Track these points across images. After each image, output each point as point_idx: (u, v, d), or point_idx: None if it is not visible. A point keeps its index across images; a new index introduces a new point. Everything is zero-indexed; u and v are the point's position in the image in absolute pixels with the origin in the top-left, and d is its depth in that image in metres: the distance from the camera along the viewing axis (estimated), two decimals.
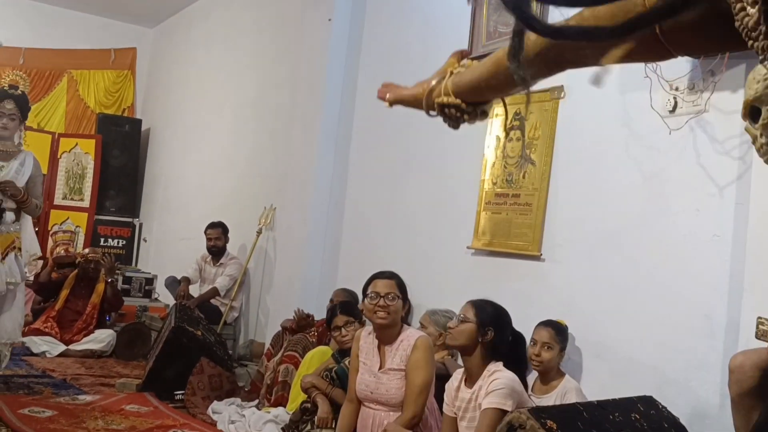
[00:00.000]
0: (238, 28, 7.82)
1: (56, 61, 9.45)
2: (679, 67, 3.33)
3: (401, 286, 3.42)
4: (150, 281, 7.81)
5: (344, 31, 5.96)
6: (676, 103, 3.40)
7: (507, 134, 4.30)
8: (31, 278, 6.72)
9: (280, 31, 6.97)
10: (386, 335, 3.36)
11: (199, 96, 8.55)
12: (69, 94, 9.56)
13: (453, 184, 4.75)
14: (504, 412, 2.76)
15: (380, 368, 3.33)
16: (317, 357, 4.39)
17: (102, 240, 8.76)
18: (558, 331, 3.52)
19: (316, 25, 6.17)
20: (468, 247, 4.46)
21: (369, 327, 3.52)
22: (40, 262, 7.01)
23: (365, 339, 3.44)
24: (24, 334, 6.30)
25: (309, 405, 3.99)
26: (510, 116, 4.28)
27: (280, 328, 5.32)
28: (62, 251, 7.49)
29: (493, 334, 3.01)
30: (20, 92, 5.07)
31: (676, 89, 3.40)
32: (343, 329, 4.18)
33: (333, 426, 3.70)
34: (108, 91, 9.71)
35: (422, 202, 5.02)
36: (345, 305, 4.39)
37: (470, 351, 3.03)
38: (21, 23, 9.28)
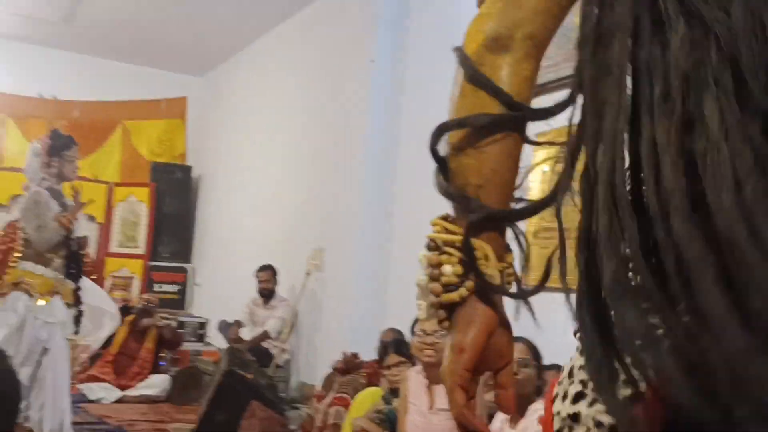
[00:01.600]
0: (284, 73, 7.95)
1: (110, 113, 9.73)
2: None
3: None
4: (203, 325, 7.88)
5: (387, 71, 6.01)
6: None
7: (554, 167, 4.24)
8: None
9: (324, 75, 7.06)
10: (435, 374, 3.29)
11: (247, 141, 8.69)
12: (123, 144, 9.82)
13: None
14: None
15: (430, 408, 3.27)
16: (368, 398, 4.34)
17: (156, 286, 8.88)
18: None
19: (358, 67, 6.24)
20: None
21: (418, 366, 3.47)
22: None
23: (414, 379, 3.39)
24: (80, 381, 6.41)
25: None
26: None
27: (330, 370, 5.30)
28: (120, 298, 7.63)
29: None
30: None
31: None
32: (394, 369, 4.13)
33: None
34: (160, 140, 9.94)
35: None
36: (398, 344, 4.34)
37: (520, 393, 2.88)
38: (75, 77, 9.60)
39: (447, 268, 0.88)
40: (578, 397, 0.81)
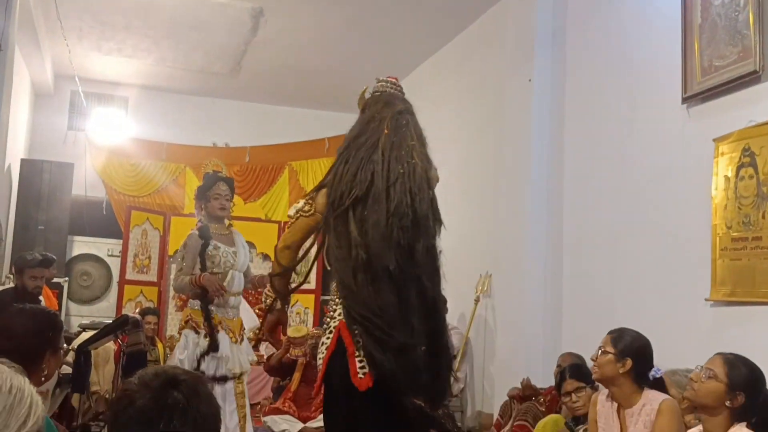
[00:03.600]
0: (440, 102, 8.01)
1: (277, 156, 10.20)
2: None
3: (617, 342, 3.16)
4: None
5: (546, 89, 5.88)
6: None
7: (737, 173, 3.95)
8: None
9: (480, 99, 7.04)
10: (624, 398, 3.12)
11: None
12: (291, 185, 10.24)
13: (680, 233, 4.42)
14: None
15: None
16: (549, 426, 4.18)
17: None
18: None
19: (516, 88, 6.16)
20: (706, 300, 4.09)
21: (606, 390, 3.29)
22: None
23: (603, 404, 3.22)
24: (264, 414, 6.67)
25: None
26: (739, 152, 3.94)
27: (507, 398, 5.17)
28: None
29: (743, 399, 2.64)
30: (226, 176, 5.31)
31: None
32: (573, 395, 3.96)
33: None
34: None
35: (647, 256, 4.72)
36: (574, 368, 4.16)
37: (714, 412, 2.69)
38: (245, 124, 10.21)
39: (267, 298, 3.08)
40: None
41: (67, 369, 5.37)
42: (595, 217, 5.32)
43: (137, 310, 7.85)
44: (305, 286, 9.34)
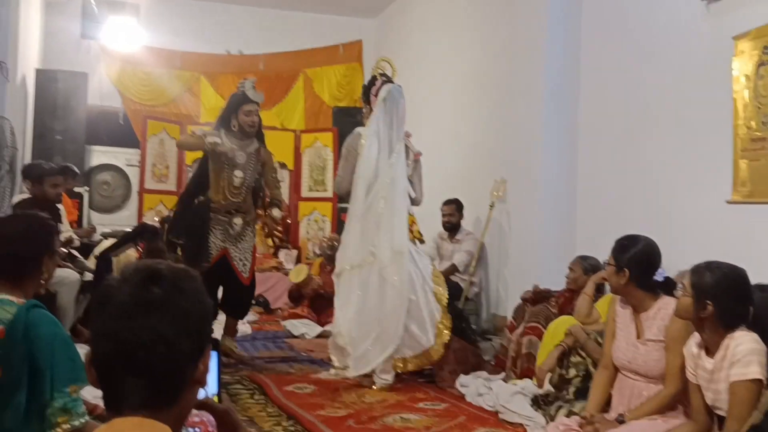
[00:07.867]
0: (454, 3, 7.79)
1: (292, 63, 10.05)
2: None
3: (617, 253, 3.15)
4: None
5: None
6: None
7: (757, 71, 3.84)
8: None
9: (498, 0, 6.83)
10: (637, 304, 3.14)
11: (421, 77, 8.65)
12: (306, 92, 10.13)
13: (699, 132, 4.35)
14: (758, 382, 2.47)
15: (638, 338, 3.13)
16: (561, 327, 4.24)
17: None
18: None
19: None
20: (728, 201, 4.05)
21: (620, 298, 3.32)
22: None
23: (621, 305, 3.25)
24: (284, 318, 6.82)
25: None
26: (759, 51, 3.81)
27: (520, 301, 5.24)
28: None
29: (712, 309, 2.57)
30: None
31: None
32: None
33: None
34: (339, 85, 10.15)
35: (663, 158, 4.66)
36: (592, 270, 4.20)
37: (698, 324, 2.68)
38: (258, 31, 10.02)
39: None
40: None
41: (89, 276, 5.50)
42: (610, 117, 5.23)
43: (157, 219, 7.95)
44: (323, 194, 9.42)
